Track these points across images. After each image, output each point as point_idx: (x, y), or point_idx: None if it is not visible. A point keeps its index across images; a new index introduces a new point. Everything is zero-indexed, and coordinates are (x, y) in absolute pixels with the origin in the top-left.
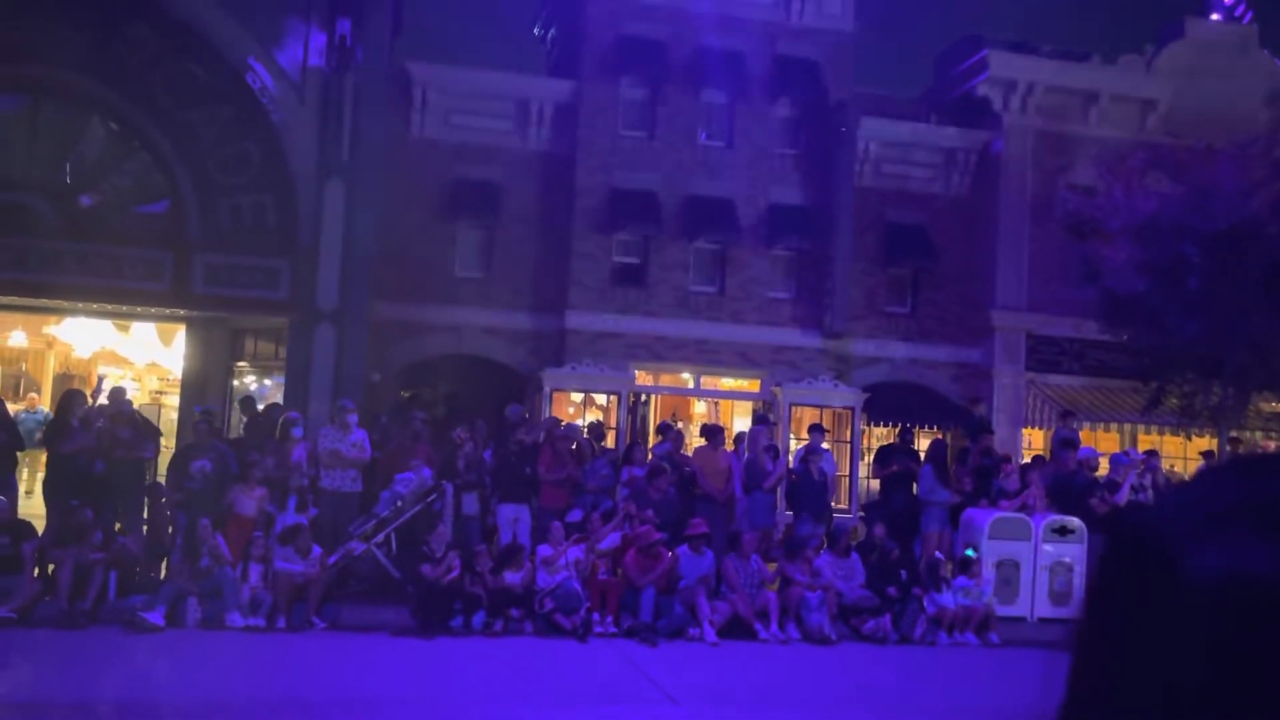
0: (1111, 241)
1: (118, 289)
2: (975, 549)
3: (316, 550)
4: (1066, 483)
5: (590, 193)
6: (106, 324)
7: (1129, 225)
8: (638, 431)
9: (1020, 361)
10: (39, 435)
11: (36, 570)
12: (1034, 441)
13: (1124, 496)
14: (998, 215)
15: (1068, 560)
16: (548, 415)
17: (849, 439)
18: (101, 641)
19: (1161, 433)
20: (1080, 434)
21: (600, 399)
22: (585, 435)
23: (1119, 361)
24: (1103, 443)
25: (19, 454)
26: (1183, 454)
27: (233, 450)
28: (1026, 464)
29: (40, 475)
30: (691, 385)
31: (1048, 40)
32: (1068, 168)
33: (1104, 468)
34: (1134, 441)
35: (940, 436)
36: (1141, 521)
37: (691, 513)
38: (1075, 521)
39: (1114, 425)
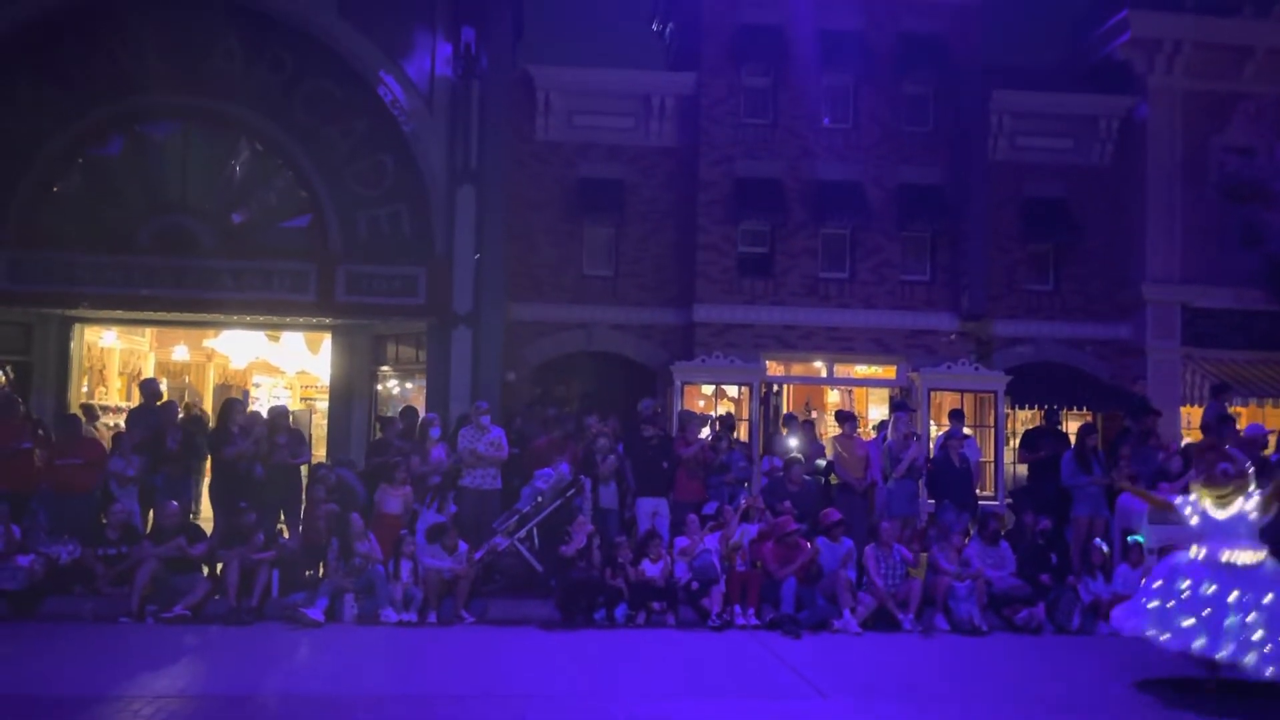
0: (1276, 204)
1: (268, 301)
2: (1134, 535)
3: (463, 546)
4: None
5: (714, 184)
6: (259, 335)
7: None
8: (771, 422)
9: (1175, 336)
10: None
11: (206, 570)
12: (1193, 420)
13: None
14: (1145, 183)
15: None
16: (680, 409)
17: (992, 424)
18: (267, 637)
19: None
20: (1247, 410)
21: (731, 390)
22: (716, 426)
23: None
24: (1271, 419)
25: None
26: None
27: (374, 455)
28: (1189, 444)
29: (206, 481)
30: (824, 374)
31: None
32: (1221, 128)
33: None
34: None
35: (1089, 418)
36: None
37: (830, 502)
38: None
39: None
